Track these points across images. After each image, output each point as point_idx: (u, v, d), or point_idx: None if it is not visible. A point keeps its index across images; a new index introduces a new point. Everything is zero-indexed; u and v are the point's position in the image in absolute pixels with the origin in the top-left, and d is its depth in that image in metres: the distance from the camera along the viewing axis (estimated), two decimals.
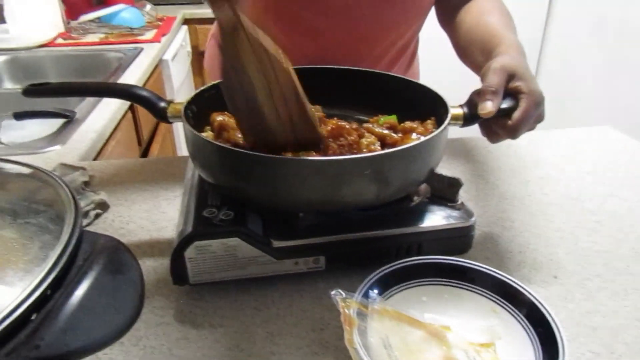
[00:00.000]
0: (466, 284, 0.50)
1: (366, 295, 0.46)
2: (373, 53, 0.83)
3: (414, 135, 0.58)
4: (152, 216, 0.68)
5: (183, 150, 1.97)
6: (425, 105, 0.63)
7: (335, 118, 0.56)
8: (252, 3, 0.75)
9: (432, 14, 0.86)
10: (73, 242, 0.33)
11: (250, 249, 0.51)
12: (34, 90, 0.60)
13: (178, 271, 0.51)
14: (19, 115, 0.99)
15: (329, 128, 0.54)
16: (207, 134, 0.59)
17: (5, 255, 0.32)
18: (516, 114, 0.54)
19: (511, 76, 0.56)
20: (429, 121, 0.60)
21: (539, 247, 0.62)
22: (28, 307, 0.28)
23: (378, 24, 0.79)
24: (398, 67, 0.90)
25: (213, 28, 0.97)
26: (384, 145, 0.57)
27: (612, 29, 2.19)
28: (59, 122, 1.04)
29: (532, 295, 0.46)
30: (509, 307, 0.47)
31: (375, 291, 0.47)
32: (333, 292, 0.45)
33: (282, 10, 0.77)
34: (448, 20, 0.80)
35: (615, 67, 2.26)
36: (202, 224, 0.51)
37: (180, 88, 1.96)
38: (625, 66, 2.25)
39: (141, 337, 0.48)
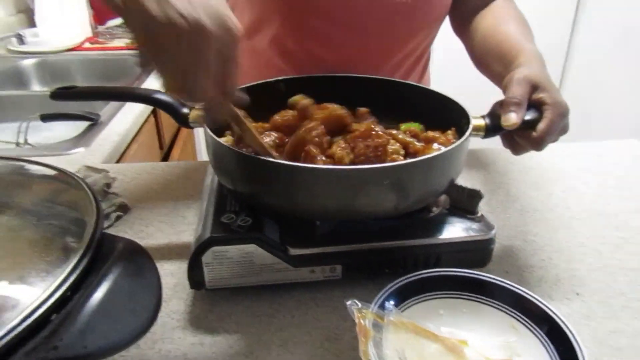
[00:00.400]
0: (485, 298, 0.49)
1: (382, 306, 0.45)
2: (390, 63, 0.82)
3: (435, 146, 0.57)
4: (171, 220, 0.69)
5: (203, 155, 1.99)
6: (445, 115, 0.62)
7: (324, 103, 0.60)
8: (270, 17, 0.76)
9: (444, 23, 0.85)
10: (94, 244, 0.33)
11: (267, 256, 0.51)
12: (62, 94, 0.61)
13: (195, 276, 0.51)
14: (46, 117, 1.02)
15: (362, 129, 0.55)
16: (227, 139, 0.60)
17: (28, 256, 0.33)
18: (541, 126, 0.53)
19: (535, 87, 0.55)
20: (449, 131, 0.60)
21: (560, 263, 0.61)
22: (48, 308, 0.29)
23: (394, 35, 0.79)
24: (412, 77, 0.89)
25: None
26: (405, 154, 0.57)
27: (637, 41, 2.14)
28: (84, 124, 1.07)
29: (553, 312, 0.45)
30: (528, 323, 0.46)
31: (392, 302, 0.46)
32: (349, 302, 0.45)
33: (299, 23, 0.77)
34: (463, 28, 0.79)
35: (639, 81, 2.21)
36: (220, 230, 0.51)
37: None
38: None
39: (157, 340, 0.49)
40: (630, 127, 2.22)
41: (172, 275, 0.58)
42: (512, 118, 0.53)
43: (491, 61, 0.68)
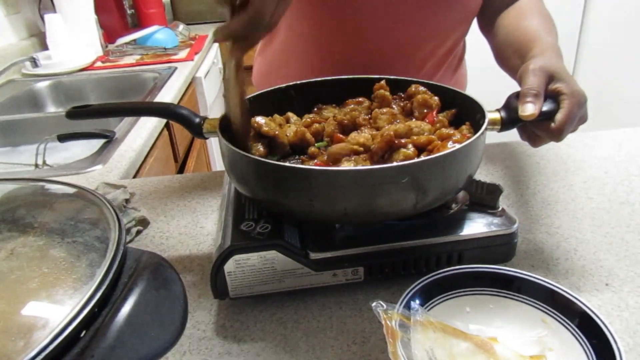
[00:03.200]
0: (512, 293, 0.48)
1: (407, 307, 0.45)
2: (417, 57, 0.82)
3: (450, 143, 0.57)
4: (191, 231, 0.69)
5: (217, 165, 2.00)
6: (461, 111, 0.62)
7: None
8: (294, 14, 0.76)
9: None
10: (118, 259, 0.34)
11: (288, 262, 0.51)
12: (77, 113, 0.62)
13: (218, 285, 0.51)
14: (63, 138, 1.03)
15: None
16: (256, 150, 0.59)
17: (55, 274, 0.33)
18: (559, 116, 0.52)
19: (551, 77, 0.55)
20: (463, 126, 0.59)
21: (586, 254, 0.59)
22: (78, 325, 0.29)
23: (420, 28, 0.79)
24: (444, 70, 0.89)
25: (258, 47, 0.99)
26: (422, 151, 0.56)
27: None
28: (100, 142, 1.08)
29: (584, 304, 0.44)
30: (559, 316, 0.45)
31: (417, 302, 0.46)
32: (374, 304, 0.44)
33: (324, 16, 0.77)
34: (488, 26, 0.79)
35: None
36: (240, 238, 0.51)
37: (213, 104, 2.01)
38: None
39: (185, 352, 0.49)
40: None
41: (195, 286, 0.58)
42: (530, 109, 0.52)
43: (510, 55, 0.67)
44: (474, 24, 0.85)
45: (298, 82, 0.69)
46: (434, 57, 0.85)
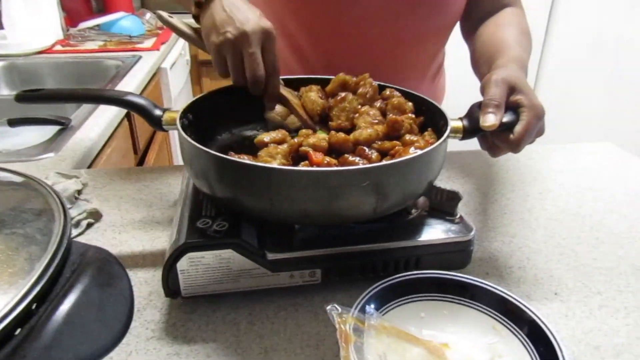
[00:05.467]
0: (466, 299, 0.49)
1: (363, 310, 0.45)
2: (396, 62, 0.83)
3: (412, 149, 0.57)
4: (146, 226, 0.67)
5: (180, 159, 1.95)
6: (424, 117, 0.62)
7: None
8: (277, 14, 0.77)
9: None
10: (60, 253, 0.32)
11: (245, 261, 0.50)
12: (27, 97, 0.59)
13: (170, 283, 0.50)
14: (13, 122, 0.98)
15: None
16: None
17: None
18: (518, 128, 0.54)
19: (512, 89, 0.56)
20: (426, 133, 0.60)
21: (538, 263, 0.61)
22: (11, 322, 0.27)
23: (400, 35, 0.79)
24: (423, 77, 0.90)
25: None
26: (385, 155, 0.56)
27: (609, 46, 2.20)
28: (54, 129, 1.03)
29: (534, 313, 0.45)
30: (509, 324, 0.46)
31: (372, 306, 0.46)
32: (329, 307, 0.44)
33: (304, 20, 0.78)
34: (469, 33, 0.80)
35: (612, 84, 2.27)
36: (195, 235, 0.50)
37: (179, 97, 1.96)
38: (623, 83, 2.26)
39: (131, 352, 0.47)
40: (603, 130, 2.28)
41: (147, 283, 0.56)
42: (491, 119, 0.53)
43: (482, 63, 0.69)
44: (456, 32, 0.86)
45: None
46: (413, 64, 0.85)
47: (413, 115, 0.61)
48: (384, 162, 0.50)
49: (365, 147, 0.56)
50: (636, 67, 2.23)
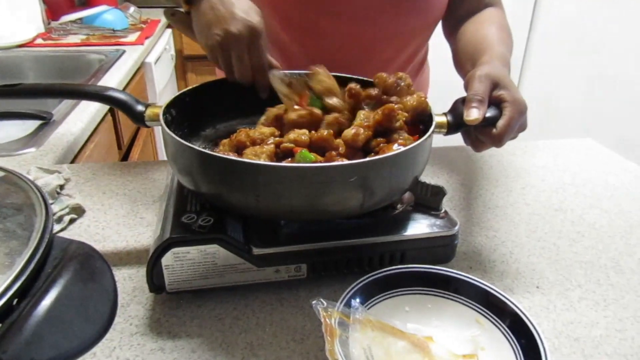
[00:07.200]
0: (449, 293, 0.49)
1: (348, 305, 0.45)
2: (378, 59, 0.83)
3: (395, 145, 0.57)
4: (130, 221, 0.66)
5: (164, 154, 1.94)
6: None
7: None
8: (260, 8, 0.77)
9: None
10: (42, 248, 0.31)
11: (230, 256, 0.50)
12: (5, 92, 0.58)
13: (155, 279, 0.49)
14: None
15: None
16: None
17: None
18: (501, 123, 0.54)
19: (495, 85, 0.56)
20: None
21: (521, 257, 0.62)
22: None
23: (381, 32, 0.80)
24: (407, 72, 0.90)
25: None
26: (369, 152, 0.56)
27: (591, 44, 2.24)
28: (35, 123, 1.01)
29: (516, 306, 0.46)
30: (492, 317, 0.47)
31: (358, 300, 0.46)
32: (314, 302, 0.44)
33: (289, 14, 0.78)
34: (451, 32, 0.81)
35: (594, 82, 2.31)
36: (180, 230, 0.49)
37: (163, 92, 1.94)
38: (604, 81, 2.30)
39: (114, 347, 0.47)
40: (585, 126, 2.31)
41: (131, 279, 0.55)
42: (474, 114, 0.54)
43: (465, 61, 0.70)
44: (439, 28, 0.87)
45: None
46: (395, 60, 0.86)
47: (406, 114, 0.60)
48: (370, 158, 0.50)
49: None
50: (617, 65, 2.27)
